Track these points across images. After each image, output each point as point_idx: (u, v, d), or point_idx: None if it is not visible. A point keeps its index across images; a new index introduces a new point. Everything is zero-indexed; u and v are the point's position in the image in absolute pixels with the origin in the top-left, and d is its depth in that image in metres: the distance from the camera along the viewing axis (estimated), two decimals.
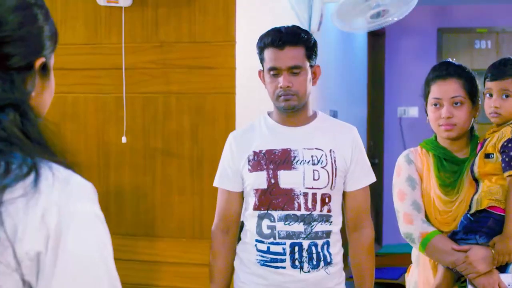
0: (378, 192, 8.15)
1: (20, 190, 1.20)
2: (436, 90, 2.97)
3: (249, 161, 2.94)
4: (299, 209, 2.86)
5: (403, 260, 5.49)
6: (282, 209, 2.87)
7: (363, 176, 3.00)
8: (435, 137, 3.08)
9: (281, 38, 2.87)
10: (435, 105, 2.97)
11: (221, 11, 3.81)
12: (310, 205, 2.87)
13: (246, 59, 3.87)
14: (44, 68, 1.34)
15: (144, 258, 3.97)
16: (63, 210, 1.21)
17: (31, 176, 1.21)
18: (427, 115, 3.07)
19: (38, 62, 1.32)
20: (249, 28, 3.96)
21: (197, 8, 3.85)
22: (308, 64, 2.91)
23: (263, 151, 2.93)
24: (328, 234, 2.91)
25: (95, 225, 1.26)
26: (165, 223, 3.95)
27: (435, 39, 8.74)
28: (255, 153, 2.94)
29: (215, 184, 3.07)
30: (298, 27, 2.96)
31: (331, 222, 2.92)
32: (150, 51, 3.93)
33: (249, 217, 2.97)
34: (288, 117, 2.97)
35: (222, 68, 3.81)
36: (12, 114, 1.24)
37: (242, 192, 3.02)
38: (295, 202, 2.86)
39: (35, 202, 1.19)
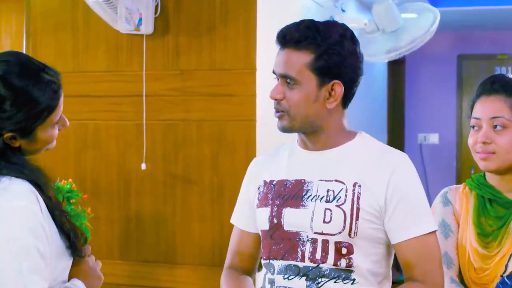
0: None
1: None
2: (477, 108, 2.30)
3: (259, 193, 2.27)
4: (302, 259, 2.12)
5: None
6: (282, 258, 2.15)
7: (410, 222, 2.10)
8: (484, 172, 2.36)
9: (284, 33, 2.15)
10: (473, 127, 2.31)
11: (242, 39, 3.83)
12: (318, 256, 2.11)
13: (267, 87, 3.86)
14: (25, 135, 1.97)
15: (164, 285, 3.96)
16: None
17: None
18: None
19: (6, 135, 1.98)
20: (269, 55, 3.95)
21: (217, 36, 3.87)
22: (314, 78, 2.12)
23: (274, 182, 2.23)
24: None
25: (8, 216, 1.86)
26: (185, 250, 3.95)
27: (455, 66, 8.73)
28: (265, 183, 2.26)
29: (231, 220, 2.41)
30: (326, 23, 2.16)
31: (354, 281, 2.11)
32: (171, 78, 3.95)
33: (262, 267, 2.26)
34: (306, 139, 2.22)
35: (243, 95, 3.83)
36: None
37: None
38: (299, 250, 2.14)
39: None
